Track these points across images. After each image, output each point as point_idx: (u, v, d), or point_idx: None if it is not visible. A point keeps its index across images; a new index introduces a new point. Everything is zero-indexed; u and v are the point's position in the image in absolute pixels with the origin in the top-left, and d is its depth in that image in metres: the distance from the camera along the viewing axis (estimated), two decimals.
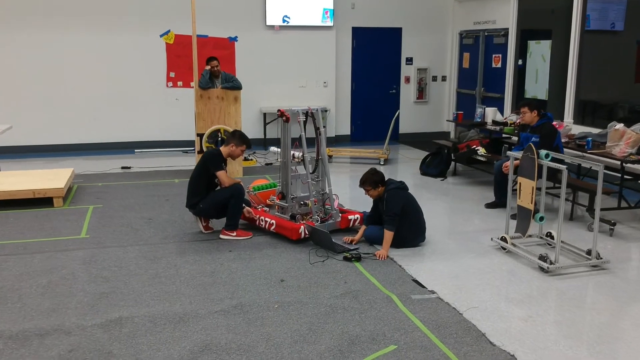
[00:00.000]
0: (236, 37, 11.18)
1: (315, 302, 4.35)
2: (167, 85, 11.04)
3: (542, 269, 5.03)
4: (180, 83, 11.04)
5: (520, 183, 5.33)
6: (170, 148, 10.97)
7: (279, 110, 5.85)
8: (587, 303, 4.47)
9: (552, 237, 5.65)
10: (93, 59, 10.63)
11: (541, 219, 5.18)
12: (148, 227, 6.24)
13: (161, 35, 10.85)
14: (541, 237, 5.77)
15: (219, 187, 5.96)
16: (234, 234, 5.85)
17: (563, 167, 4.90)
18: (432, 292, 4.58)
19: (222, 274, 4.91)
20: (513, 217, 5.77)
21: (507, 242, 5.51)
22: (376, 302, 4.35)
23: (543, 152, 5.10)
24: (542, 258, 5.03)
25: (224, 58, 10.75)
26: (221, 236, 5.87)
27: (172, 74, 11.03)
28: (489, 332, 3.91)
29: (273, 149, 6.38)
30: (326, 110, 5.93)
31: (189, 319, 4.08)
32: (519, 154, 5.40)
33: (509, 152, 5.77)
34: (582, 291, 4.68)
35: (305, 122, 6.02)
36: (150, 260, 5.26)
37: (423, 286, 4.69)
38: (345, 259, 5.23)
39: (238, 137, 5.92)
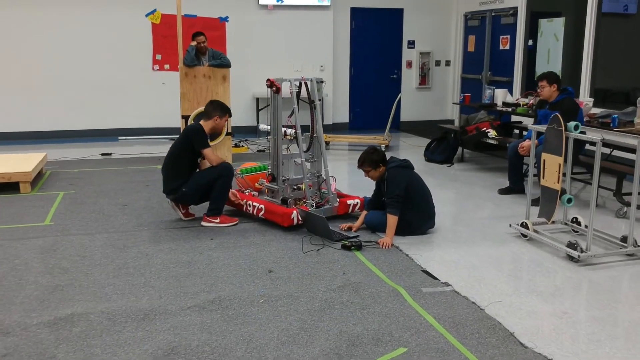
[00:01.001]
0: (227, 17, 10.42)
1: (308, 296, 3.67)
2: (153, 69, 10.33)
3: (570, 258, 4.35)
4: (167, 66, 10.33)
5: (544, 160, 4.64)
6: (157, 135, 10.25)
7: (268, 80, 5.16)
8: (628, 297, 3.79)
9: (579, 223, 4.98)
10: (73, 40, 9.92)
11: (569, 200, 4.50)
12: (121, 214, 5.55)
13: (147, 15, 10.05)
14: (566, 224, 5.10)
15: (198, 169, 5.30)
16: (217, 220, 5.16)
17: (597, 138, 4.22)
18: (446, 284, 3.90)
19: (200, 264, 4.23)
20: (534, 203, 5.10)
21: (528, 229, 4.83)
22: (380, 296, 3.67)
23: (572, 123, 4.42)
24: (572, 245, 4.35)
25: (214, 40, 10.01)
26: (203, 223, 5.18)
27: (158, 57, 10.32)
28: (518, 332, 3.23)
29: (262, 126, 5.69)
30: (322, 81, 5.21)
31: (156, 316, 3.40)
32: (542, 128, 4.71)
33: (530, 126, 5.08)
34: (621, 283, 4.00)
35: (298, 94, 5.34)
36: (119, 249, 4.57)
37: (435, 277, 4.00)
38: (344, 247, 4.55)
39: (220, 107, 5.25)
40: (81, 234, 4.93)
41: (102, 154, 8.63)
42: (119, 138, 10.16)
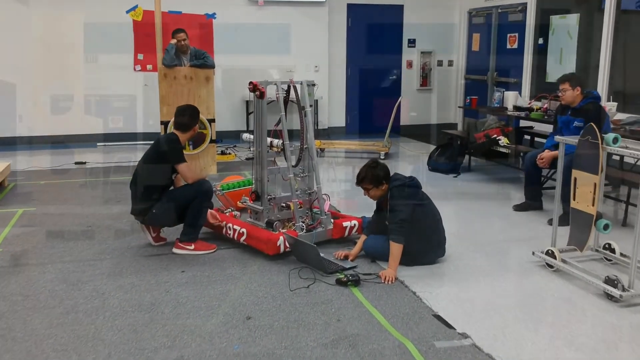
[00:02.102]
0: (214, 13, 9.75)
1: (293, 355, 2.94)
2: (134, 69, 9.61)
3: (609, 297, 3.65)
4: (149, 66, 9.59)
5: (575, 178, 3.93)
6: (139, 141, 9.50)
7: (250, 83, 4.44)
8: None
9: (613, 250, 4.27)
10: (47, 36, 9.17)
11: (605, 227, 3.78)
12: (83, 237, 4.82)
13: (127, 12, 9.40)
14: (597, 250, 4.39)
15: (172, 187, 4.59)
16: (192, 247, 4.44)
17: None
18: (464, 335, 3.18)
19: (164, 307, 3.50)
20: (563, 221, 4.40)
21: (555, 258, 4.12)
22: (384, 355, 2.95)
23: (610, 135, 3.71)
24: (611, 282, 3.64)
25: (201, 38, 9.35)
26: (175, 250, 4.45)
27: (140, 56, 9.60)
28: None
29: (246, 135, 4.98)
30: (314, 85, 4.50)
31: None
32: (574, 140, 4.00)
33: (556, 137, 4.38)
34: None
35: (286, 99, 4.62)
36: (71, 285, 3.84)
37: (450, 325, 3.29)
38: (339, 282, 3.83)
39: (196, 114, 4.58)
40: (31, 265, 4.20)
41: (76, 163, 7.89)
42: (98, 144, 9.43)
